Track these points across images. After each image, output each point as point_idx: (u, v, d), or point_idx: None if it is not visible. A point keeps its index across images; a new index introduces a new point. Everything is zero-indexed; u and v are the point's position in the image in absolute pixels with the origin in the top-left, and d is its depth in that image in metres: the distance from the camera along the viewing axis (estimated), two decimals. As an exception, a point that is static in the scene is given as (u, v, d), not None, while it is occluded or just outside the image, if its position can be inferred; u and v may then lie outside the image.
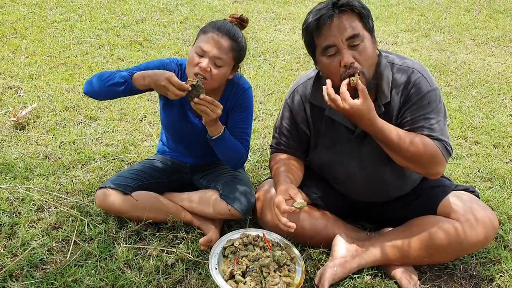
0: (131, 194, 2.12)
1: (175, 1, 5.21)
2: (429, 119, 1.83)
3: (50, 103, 3.21)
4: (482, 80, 3.82)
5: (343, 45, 1.73)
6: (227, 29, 2.00)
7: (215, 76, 1.99)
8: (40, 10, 4.80)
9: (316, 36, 1.77)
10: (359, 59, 1.74)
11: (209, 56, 1.97)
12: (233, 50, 2.00)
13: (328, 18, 1.73)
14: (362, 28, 1.76)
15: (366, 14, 1.78)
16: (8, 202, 2.31)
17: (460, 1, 5.70)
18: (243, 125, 2.18)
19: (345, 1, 1.75)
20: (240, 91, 2.15)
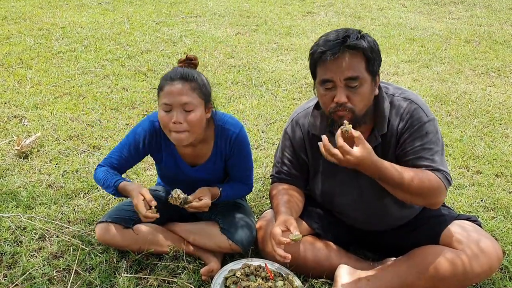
0: (132, 227, 2.11)
1: (179, 33, 5.31)
2: (428, 150, 1.84)
3: (54, 132, 3.24)
4: (483, 110, 3.84)
5: (340, 83, 1.75)
6: (179, 74, 1.95)
7: (192, 122, 1.94)
8: (46, 41, 4.89)
9: (318, 66, 1.80)
10: (353, 99, 1.75)
11: (176, 106, 1.92)
12: (195, 89, 1.95)
13: (333, 54, 1.73)
14: (365, 71, 1.76)
15: (373, 57, 1.77)
16: (10, 231, 2.31)
17: (460, 33, 5.78)
18: (243, 165, 2.19)
19: (354, 42, 1.73)
20: (231, 137, 2.11)
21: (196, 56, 2.07)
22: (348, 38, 1.74)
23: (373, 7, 6.80)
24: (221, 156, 2.15)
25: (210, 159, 2.15)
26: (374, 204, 2.00)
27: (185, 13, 6.06)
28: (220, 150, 2.13)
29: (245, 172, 2.20)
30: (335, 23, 5.99)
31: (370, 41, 1.78)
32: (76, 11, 5.93)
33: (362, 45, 1.74)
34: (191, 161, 2.17)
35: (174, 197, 1.97)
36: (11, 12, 5.68)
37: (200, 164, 2.17)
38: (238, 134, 2.11)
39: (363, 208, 2.02)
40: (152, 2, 6.44)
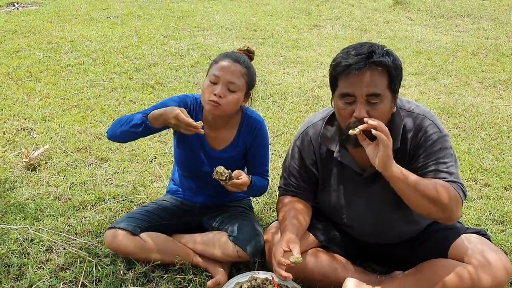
0: (140, 235, 2.12)
1: (186, 46, 5.35)
2: (444, 163, 1.83)
3: (62, 145, 3.26)
4: (491, 123, 3.83)
5: (361, 99, 1.74)
6: (237, 56, 2.10)
7: (230, 101, 2.06)
8: (55, 54, 4.94)
9: (339, 79, 1.78)
10: (372, 115, 1.75)
11: (223, 82, 2.04)
12: (245, 75, 2.08)
13: (357, 70, 1.72)
14: (386, 88, 1.75)
15: (396, 75, 1.76)
16: (18, 243, 2.31)
17: (466, 45, 5.78)
18: (263, 159, 2.27)
19: (380, 59, 1.72)
20: (256, 126, 2.22)
21: (254, 50, 2.22)
22: (374, 54, 1.73)
23: (379, 20, 6.82)
24: (243, 143, 2.23)
25: (232, 144, 2.23)
26: (383, 217, 1.99)
27: (192, 27, 6.11)
28: (244, 136, 2.22)
29: (264, 167, 2.28)
30: (342, 36, 6.02)
31: (395, 58, 1.78)
32: (85, 25, 6.00)
33: (387, 62, 1.73)
34: (213, 144, 2.24)
35: (219, 172, 1.99)
36: (21, 26, 5.76)
37: (221, 148, 2.23)
38: (262, 124, 2.23)
39: (372, 221, 2.02)
40: (160, 16, 6.50)
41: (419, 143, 1.86)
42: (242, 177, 2.03)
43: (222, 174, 1.98)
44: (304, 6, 7.44)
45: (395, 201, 1.92)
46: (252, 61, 2.19)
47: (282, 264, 1.80)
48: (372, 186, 1.95)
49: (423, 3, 7.82)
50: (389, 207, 1.96)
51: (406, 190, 1.78)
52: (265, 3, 7.55)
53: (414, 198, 1.79)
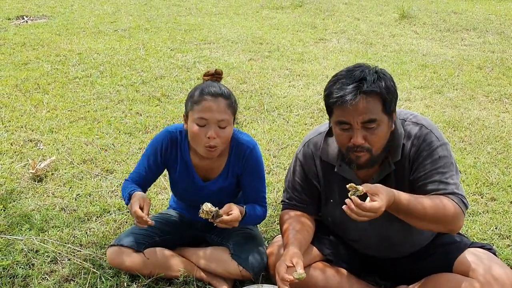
0: (143, 251, 2.12)
1: (193, 59, 5.39)
2: (443, 173, 1.83)
3: (69, 156, 3.29)
4: (497, 136, 3.81)
5: (357, 126, 1.75)
6: (216, 90, 2.00)
7: (224, 137, 2.01)
8: (63, 67, 4.99)
9: (334, 109, 1.79)
10: (370, 139, 1.77)
11: (213, 122, 1.97)
12: (230, 106, 2.02)
13: (349, 100, 1.72)
14: (381, 112, 1.76)
15: (390, 99, 1.77)
16: (23, 254, 2.32)
17: (472, 59, 5.78)
18: (257, 184, 2.18)
19: (370, 88, 1.73)
20: (247, 153, 2.13)
21: (221, 70, 2.13)
22: (364, 81, 1.73)
23: (385, 34, 6.85)
24: (232, 172, 2.16)
25: (221, 174, 2.17)
26: (386, 232, 1.99)
27: (199, 40, 6.16)
28: (233, 165, 2.15)
29: (260, 193, 2.19)
30: (347, 49, 6.04)
31: (387, 79, 1.78)
32: (93, 38, 6.07)
33: (379, 89, 1.73)
34: (203, 174, 2.18)
35: (205, 210, 1.92)
36: (30, 39, 5.83)
37: (212, 179, 2.18)
38: (252, 150, 2.13)
39: (376, 235, 2.01)
40: (167, 30, 6.56)
41: (418, 152, 1.86)
42: (233, 212, 1.95)
43: (208, 213, 1.91)
44: (310, 20, 7.49)
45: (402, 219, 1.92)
46: (221, 80, 2.11)
47: (286, 280, 1.80)
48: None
49: (429, 17, 7.85)
50: (392, 221, 1.95)
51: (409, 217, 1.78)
52: (271, 17, 7.60)
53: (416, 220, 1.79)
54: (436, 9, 8.47)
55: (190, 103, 2.02)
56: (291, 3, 8.50)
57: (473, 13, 8.24)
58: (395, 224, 1.96)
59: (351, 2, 8.86)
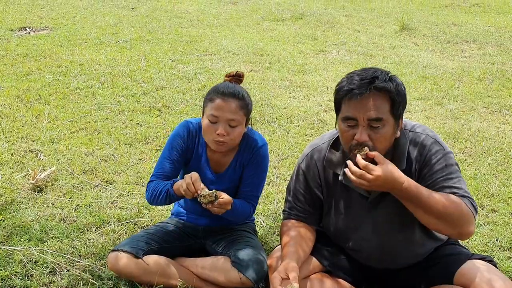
0: (143, 258, 2.12)
1: (194, 70, 5.41)
2: (451, 179, 1.84)
3: (69, 166, 3.29)
4: (497, 148, 3.81)
5: (363, 123, 1.76)
6: (230, 91, 2.10)
7: (234, 136, 2.11)
8: (64, 78, 5.01)
9: (342, 103, 1.81)
10: (374, 139, 1.77)
11: (223, 120, 2.08)
12: (242, 108, 2.11)
13: (359, 94, 1.74)
14: (389, 113, 1.77)
15: (399, 101, 1.78)
16: (21, 264, 2.32)
17: (472, 71, 5.80)
18: (255, 180, 2.24)
19: (382, 84, 1.75)
20: (255, 147, 2.23)
21: (243, 72, 2.22)
22: (376, 79, 1.75)
23: (385, 45, 6.88)
24: (240, 163, 2.24)
25: (230, 165, 2.24)
26: (388, 242, 1.98)
27: (200, 51, 6.19)
28: (242, 157, 2.23)
29: (255, 191, 2.25)
30: (347, 61, 6.07)
31: (398, 83, 1.80)
32: (95, 49, 6.10)
33: (389, 88, 1.75)
34: (215, 166, 2.26)
35: (205, 195, 1.98)
36: (32, 50, 5.86)
37: (222, 171, 2.26)
38: (262, 145, 2.24)
39: (377, 246, 2.00)
40: (169, 41, 6.60)
41: (424, 162, 1.86)
42: (224, 196, 2.04)
43: (210, 196, 1.99)
44: (311, 31, 7.53)
45: (400, 225, 1.92)
46: (241, 83, 2.21)
47: None
48: (378, 209, 1.95)
49: (429, 29, 7.89)
50: (395, 230, 1.95)
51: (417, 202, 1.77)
52: (272, 29, 7.65)
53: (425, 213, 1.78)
54: (436, 21, 8.52)
55: (206, 100, 2.14)
56: (291, 15, 8.55)
57: (473, 25, 8.29)
58: (398, 234, 1.95)
59: (351, 14, 8.91)
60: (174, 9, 8.80)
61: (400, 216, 1.93)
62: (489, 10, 9.85)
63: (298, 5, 9.38)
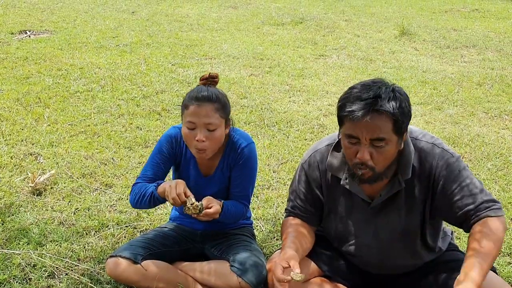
0: (141, 263, 2.11)
1: (194, 74, 5.41)
2: (466, 186, 1.83)
3: (68, 170, 3.28)
4: (497, 153, 3.81)
5: (365, 142, 1.75)
6: (203, 94, 2.09)
7: (214, 140, 2.10)
8: (64, 81, 5.02)
9: (345, 121, 1.78)
10: (376, 157, 1.76)
11: (200, 125, 2.07)
12: (218, 110, 2.09)
13: (361, 116, 1.71)
14: (391, 131, 1.74)
15: (402, 120, 1.74)
16: (20, 268, 2.31)
17: (472, 76, 5.81)
18: (244, 181, 2.23)
19: (383, 108, 1.71)
20: (239, 148, 2.22)
21: (217, 73, 2.19)
22: (379, 99, 1.71)
23: (385, 50, 6.89)
24: (227, 164, 2.23)
25: (218, 167, 2.24)
26: (387, 247, 1.97)
27: (200, 55, 6.20)
28: (228, 157, 2.23)
29: (245, 191, 2.24)
30: (347, 65, 6.07)
31: (402, 99, 1.75)
32: (95, 52, 6.11)
33: (392, 109, 1.71)
34: (204, 169, 2.26)
35: (190, 207, 1.97)
36: (32, 53, 5.86)
37: (211, 173, 2.26)
38: (247, 145, 2.22)
39: (377, 252, 1.99)
40: (169, 45, 6.61)
41: (437, 174, 1.85)
42: (213, 205, 2.04)
43: (195, 208, 1.98)
44: (310, 36, 7.54)
45: (402, 234, 1.92)
46: (217, 85, 2.19)
47: (283, 281, 1.78)
48: (380, 215, 1.94)
49: (429, 34, 7.90)
50: (395, 239, 1.95)
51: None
52: (272, 33, 7.66)
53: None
54: (436, 26, 8.53)
55: (182, 107, 2.14)
56: (291, 19, 8.57)
57: (472, 31, 8.30)
58: (398, 243, 1.95)
59: (351, 19, 8.93)
60: (174, 13, 8.82)
61: (402, 225, 1.93)
62: (488, 16, 9.87)
63: (298, 9, 9.41)
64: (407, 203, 1.90)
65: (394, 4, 10.88)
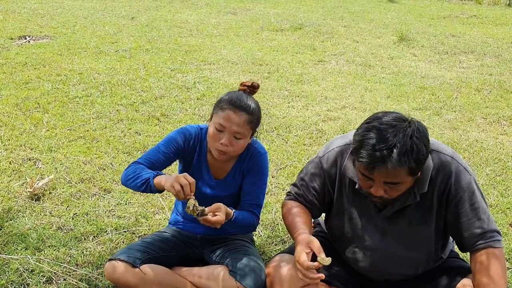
0: (140, 267, 2.10)
1: (193, 79, 5.42)
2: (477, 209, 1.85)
3: (67, 175, 3.28)
4: (496, 159, 3.82)
5: (379, 183, 1.75)
6: (242, 104, 2.09)
7: (236, 147, 2.11)
8: (63, 86, 5.02)
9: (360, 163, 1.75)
10: (389, 193, 1.78)
11: (229, 131, 2.07)
12: (250, 122, 2.11)
13: (378, 166, 1.68)
14: (406, 176, 1.72)
15: (417, 169, 1.73)
16: (18, 273, 2.30)
17: (470, 81, 5.82)
18: (257, 189, 2.23)
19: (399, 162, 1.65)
20: (255, 155, 2.23)
21: (259, 84, 2.21)
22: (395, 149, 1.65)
23: (383, 56, 6.91)
24: (240, 170, 2.23)
25: (230, 172, 2.24)
26: (393, 256, 1.96)
27: (199, 61, 6.21)
28: (242, 164, 2.23)
29: (258, 200, 2.23)
30: (346, 71, 6.09)
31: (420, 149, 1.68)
32: (94, 58, 6.12)
33: (408, 164, 1.67)
34: (215, 172, 2.26)
35: (191, 208, 1.93)
36: (31, 59, 5.87)
37: (222, 177, 2.25)
38: (262, 154, 2.24)
39: (381, 258, 1.98)
40: (168, 50, 6.62)
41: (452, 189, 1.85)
42: (218, 214, 1.98)
43: (194, 210, 1.92)
44: (309, 42, 7.56)
45: (409, 245, 1.92)
46: (254, 94, 2.21)
47: (311, 268, 1.74)
48: (390, 223, 1.94)
49: (427, 40, 7.93)
50: (402, 249, 1.94)
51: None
52: (271, 39, 7.68)
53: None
54: (434, 32, 8.56)
55: (217, 106, 2.13)
56: (290, 25, 8.60)
57: (470, 36, 8.33)
58: (404, 253, 1.95)
59: (350, 25, 8.96)
60: (173, 18, 8.84)
61: (412, 235, 1.92)
62: (486, 22, 9.91)
63: (297, 15, 9.44)
64: (420, 214, 1.90)
65: (393, 10, 10.92)
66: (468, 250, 1.88)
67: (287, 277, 1.99)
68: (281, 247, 2.64)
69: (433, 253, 1.99)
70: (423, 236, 1.93)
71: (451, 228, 1.92)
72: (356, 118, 4.53)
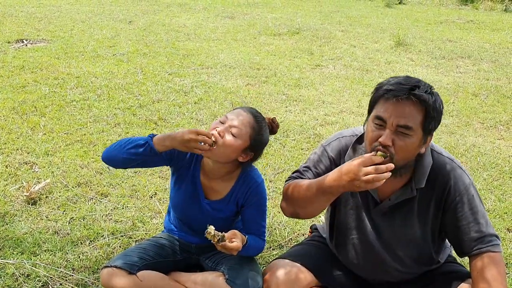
0: (136, 273, 2.09)
1: (190, 83, 5.42)
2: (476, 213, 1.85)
3: (63, 179, 3.27)
4: (493, 163, 3.82)
5: (391, 127, 1.74)
6: (254, 112, 2.10)
7: (226, 142, 2.01)
8: (60, 90, 5.01)
9: (377, 102, 1.79)
10: (397, 146, 1.74)
11: (228, 123, 2.04)
12: (252, 128, 2.06)
13: (396, 97, 1.72)
14: (419, 124, 1.73)
15: (432, 116, 1.75)
16: (13, 278, 2.29)
17: (467, 86, 5.84)
18: (259, 219, 2.20)
19: (421, 94, 1.71)
20: (252, 185, 2.16)
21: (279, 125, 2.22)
22: (417, 88, 1.73)
23: (380, 60, 6.93)
24: (235, 200, 2.18)
25: (224, 199, 2.19)
26: (386, 251, 1.96)
27: (197, 65, 6.21)
28: (237, 193, 2.17)
29: (261, 228, 2.21)
30: (344, 75, 6.10)
31: (437, 100, 1.76)
32: (91, 61, 6.11)
33: (427, 99, 1.72)
34: (207, 193, 2.21)
35: (212, 233, 1.88)
36: (28, 62, 5.86)
37: (215, 199, 2.20)
38: (258, 184, 2.17)
39: (375, 254, 1.98)
40: (166, 54, 6.62)
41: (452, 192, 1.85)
42: (236, 241, 1.94)
43: (215, 236, 1.88)
44: (307, 46, 7.58)
45: (405, 239, 1.91)
46: (273, 134, 2.19)
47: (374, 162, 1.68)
48: (386, 219, 1.94)
49: (424, 45, 7.96)
50: (397, 246, 1.94)
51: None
52: (269, 43, 7.69)
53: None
54: (431, 37, 8.59)
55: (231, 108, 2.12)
56: (288, 30, 8.61)
57: (467, 41, 8.37)
58: (399, 247, 1.94)
59: (347, 30, 8.99)
60: (171, 22, 8.85)
61: (408, 235, 1.92)
62: (483, 27, 9.96)
63: (294, 20, 9.46)
64: (416, 213, 1.90)
65: (390, 15, 10.96)
66: (467, 254, 1.87)
67: (284, 282, 1.98)
68: (279, 252, 2.63)
69: (427, 255, 1.98)
70: (417, 236, 1.92)
71: (449, 232, 1.91)
72: (353, 123, 4.54)
